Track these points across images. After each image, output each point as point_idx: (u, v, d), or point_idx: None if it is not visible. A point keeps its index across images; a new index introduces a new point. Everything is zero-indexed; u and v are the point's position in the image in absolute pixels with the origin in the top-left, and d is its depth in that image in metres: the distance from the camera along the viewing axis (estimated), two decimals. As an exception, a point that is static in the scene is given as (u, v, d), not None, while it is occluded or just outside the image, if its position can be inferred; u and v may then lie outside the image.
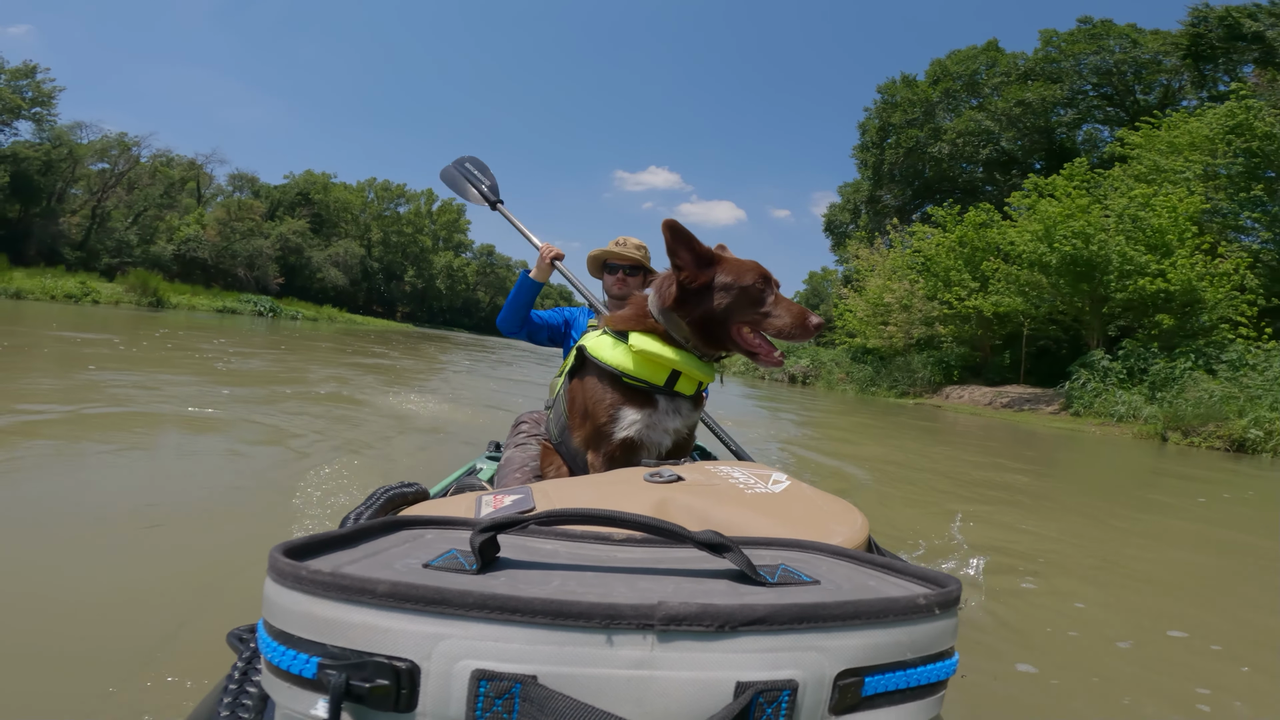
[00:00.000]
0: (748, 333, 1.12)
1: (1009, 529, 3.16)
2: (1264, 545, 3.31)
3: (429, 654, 0.37)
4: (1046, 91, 21.09)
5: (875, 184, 24.39)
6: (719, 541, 0.49)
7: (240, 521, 2.24)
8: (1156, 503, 4.52)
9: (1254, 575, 2.81)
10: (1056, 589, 2.32)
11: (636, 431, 1.12)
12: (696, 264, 1.12)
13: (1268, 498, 5.06)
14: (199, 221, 31.51)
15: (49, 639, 1.31)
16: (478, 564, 0.45)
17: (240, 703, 0.47)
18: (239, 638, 0.52)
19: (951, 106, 22.99)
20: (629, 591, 0.43)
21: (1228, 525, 3.90)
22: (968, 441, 7.75)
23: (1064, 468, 6.40)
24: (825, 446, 6.11)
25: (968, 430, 9.22)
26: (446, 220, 51.77)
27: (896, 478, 4.52)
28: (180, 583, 1.66)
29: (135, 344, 8.17)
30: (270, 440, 3.48)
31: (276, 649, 0.39)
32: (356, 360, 10.13)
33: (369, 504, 0.72)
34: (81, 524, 2.03)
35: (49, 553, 1.78)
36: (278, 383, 6.03)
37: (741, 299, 1.10)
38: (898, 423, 9.60)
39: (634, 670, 0.37)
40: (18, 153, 24.28)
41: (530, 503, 0.73)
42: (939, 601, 0.43)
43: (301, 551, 0.43)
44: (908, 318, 16.93)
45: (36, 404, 3.67)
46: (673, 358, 1.11)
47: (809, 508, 0.72)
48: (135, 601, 1.53)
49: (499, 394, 7.67)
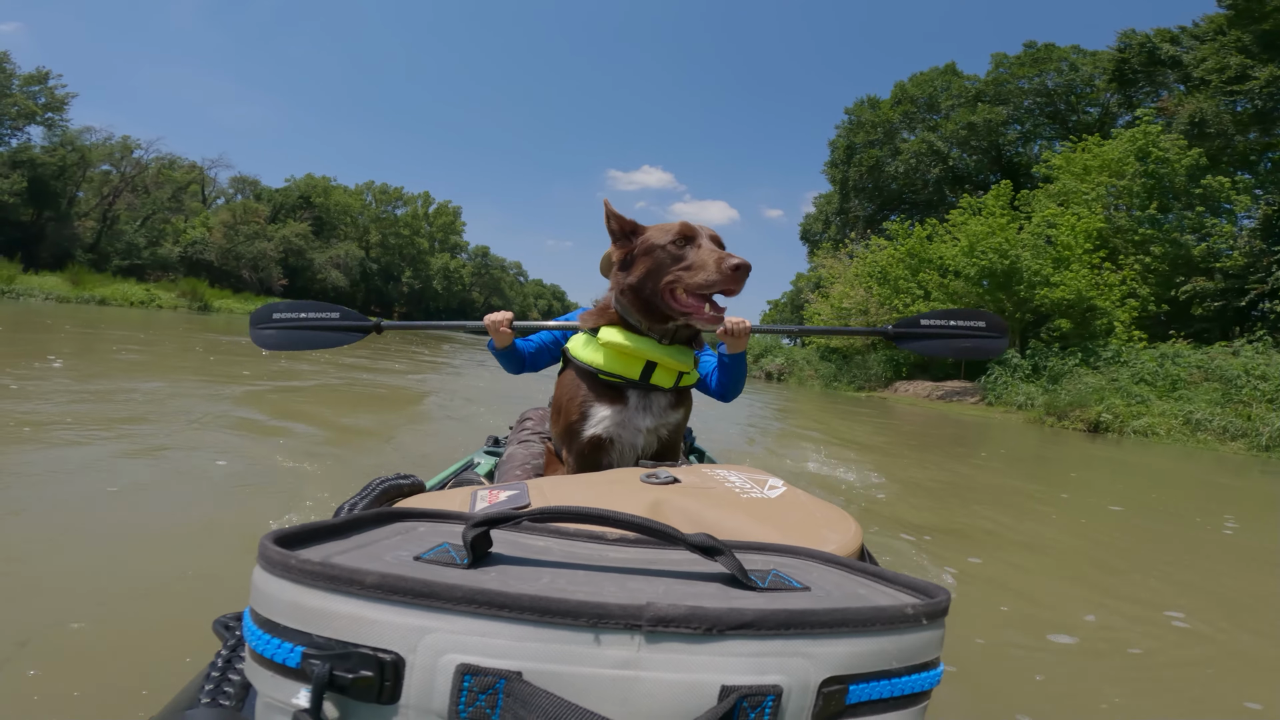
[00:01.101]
0: (681, 294, 1.06)
1: (875, 471, 4.34)
2: (1032, 489, 4.63)
3: (414, 647, 0.37)
4: (992, 114, 22.96)
5: (844, 198, 26.58)
6: (711, 544, 0.49)
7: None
8: (990, 465, 6.00)
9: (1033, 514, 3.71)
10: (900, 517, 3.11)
11: (604, 429, 1.10)
12: (625, 237, 1.11)
13: (1059, 458, 6.87)
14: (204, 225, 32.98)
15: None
16: (469, 558, 0.45)
17: (222, 690, 0.48)
18: (225, 625, 0.52)
19: (911, 126, 25.04)
20: (619, 591, 0.43)
21: (1013, 474, 5.54)
22: (893, 424, 9.39)
23: (946, 442, 8.09)
24: (785, 426, 7.81)
25: (902, 416, 10.92)
26: (443, 222, 53.29)
27: (823, 443, 5.86)
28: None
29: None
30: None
31: (261, 637, 0.39)
32: (423, 358, 11.81)
33: (364, 495, 0.72)
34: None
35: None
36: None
37: (661, 259, 1.06)
38: (846, 410, 11.11)
39: (620, 670, 0.37)
40: (34, 158, 25.64)
41: (525, 499, 0.73)
42: (926, 611, 0.43)
43: (292, 540, 0.43)
44: (865, 321, 18.82)
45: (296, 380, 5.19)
46: (635, 346, 1.09)
47: (803, 514, 0.73)
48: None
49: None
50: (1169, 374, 10.42)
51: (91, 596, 1.46)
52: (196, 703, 0.47)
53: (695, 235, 1.07)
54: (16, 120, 25.85)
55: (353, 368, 7.88)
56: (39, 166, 26.36)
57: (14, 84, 25.45)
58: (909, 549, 2.56)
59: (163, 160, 32.17)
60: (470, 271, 59.21)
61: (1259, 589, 2.59)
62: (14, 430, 2.93)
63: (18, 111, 25.43)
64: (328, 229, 41.36)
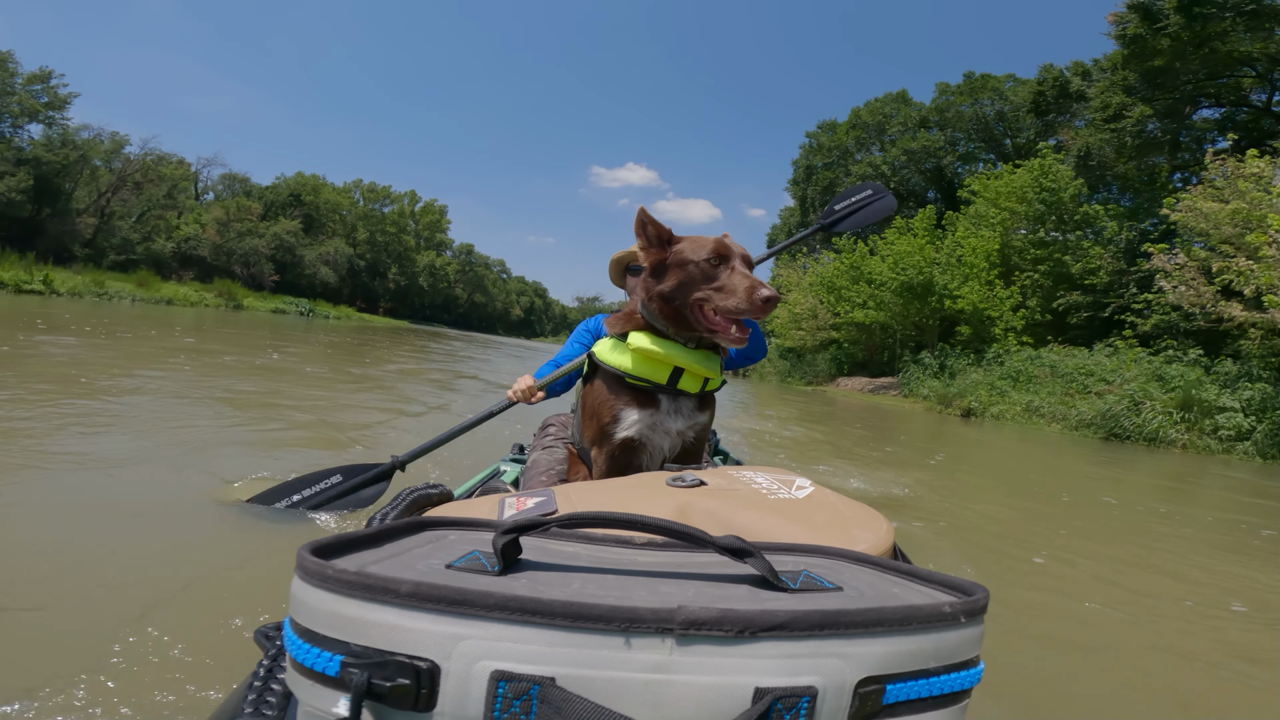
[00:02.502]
0: (709, 310, 1.08)
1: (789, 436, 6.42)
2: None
3: (449, 654, 0.37)
4: (929, 141, 25.97)
5: (804, 213, 29.64)
6: (740, 546, 0.49)
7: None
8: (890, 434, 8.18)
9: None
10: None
11: (637, 431, 1.13)
12: (659, 245, 1.13)
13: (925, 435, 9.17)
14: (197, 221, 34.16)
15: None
16: (499, 565, 0.46)
17: (264, 700, 0.48)
18: (265, 635, 0.53)
19: (862, 150, 27.83)
20: (649, 595, 0.43)
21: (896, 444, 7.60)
22: (827, 410, 11.35)
23: (858, 420, 9.84)
24: (747, 412, 9.38)
25: (837, 404, 13.29)
26: (429, 221, 54.62)
27: (763, 416, 8.21)
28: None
29: (349, 339, 12.46)
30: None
31: (301, 647, 0.40)
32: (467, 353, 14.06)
33: (395, 504, 0.73)
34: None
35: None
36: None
37: (693, 275, 1.08)
38: (790, 399, 13.42)
39: (652, 674, 0.38)
40: (39, 157, 26.64)
41: (553, 505, 0.73)
42: (965, 610, 0.43)
43: (328, 550, 0.44)
44: (815, 324, 21.29)
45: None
46: (665, 352, 1.11)
47: (832, 514, 0.73)
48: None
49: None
50: (1026, 372, 12.95)
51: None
52: (240, 713, 0.48)
53: (729, 255, 1.09)
54: (19, 118, 26.50)
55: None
56: (44, 164, 27.17)
57: (16, 83, 26.11)
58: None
59: (150, 156, 32.76)
60: (455, 269, 60.64)
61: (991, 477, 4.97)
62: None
63: (20, 110, 26.14)
64: (317, 226, 42.54)
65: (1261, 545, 3.30)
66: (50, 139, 26.88)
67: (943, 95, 26.53)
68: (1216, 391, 9.04)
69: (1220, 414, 8.61)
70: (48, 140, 26.60)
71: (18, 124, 26.45)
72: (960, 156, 26.32)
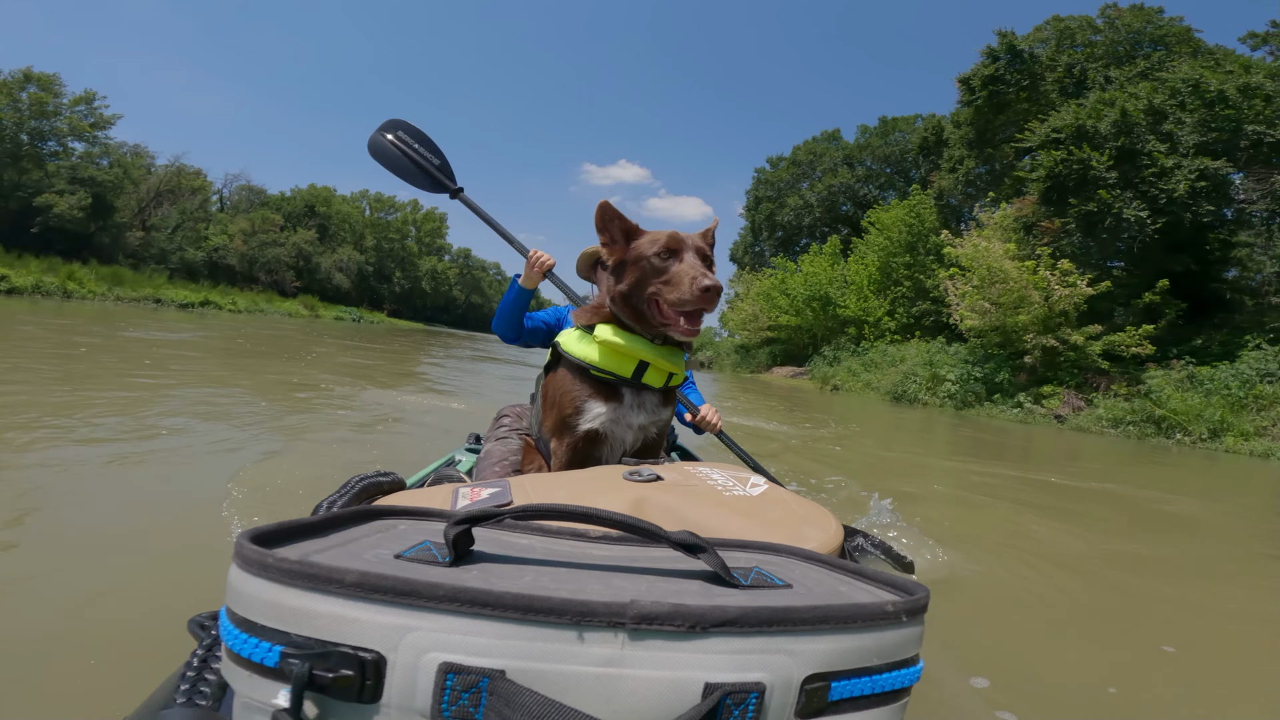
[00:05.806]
0: (663, 305, 1.07)
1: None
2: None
3: (396, 645, 0.37)
4: (846, 176, 30.83)
5: (755, 236, 35.61)
6: (693, 542, 0.49)
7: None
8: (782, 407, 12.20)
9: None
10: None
11: (600, 424, 1.11)
12: (623, 241, 1.12)
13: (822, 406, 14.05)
14: (224, 232, 38.37)
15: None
16: (450, 556, 0.45)
17: (198, 689, 0.47)
18: (200, 624, 0.51)
19: (795, 185, 33.31)
20: (602, 589, 0.43)
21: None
22: (757, 390, 14.71)
23: (776, 396, 13.08)
24: (702, 388, 11.30)
25: (766, 386, 16.87)
26: (430, 228, 59.22)
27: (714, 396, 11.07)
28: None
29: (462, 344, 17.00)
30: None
31: (239, 637, 0.38)
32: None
33: (343, 492, 0.71)
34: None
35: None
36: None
37: (646, 270, 1.07)
38: (736, 384, 17.08)
39: (604, 668, 0.38)
40: (94, 176, 30.23)
41: (508, 497, 0.73)
42: (906, 609, 0.43)
43: (269, 539, 0.43)
44: (757, 325, 27.19)
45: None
46: (630, 345, 1.10)
47: (785, 511, 0.73)
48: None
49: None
50: (873, 360, 17.67)
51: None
52: (172, 702, 0.47)
53: (680, 248, 1.07)
54: (65, 138, 27.83)
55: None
56: (99, 183, 30.62)
57: (63, 104, 26.85)
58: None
59: (172, 169, 33.09)
60: (455, 273, 65.54)
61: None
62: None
63: (69, 130, 27.21)
64: (329, 235, 46.93)
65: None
66: (98, 156, 27.24)
67: (863, 134, 32.45)
68: (947, 369, 13.96)
69: (944, 384, 13.78)
70: (96, 156, 27.18)
71: (62, 144, 26.86)
72: (878, 188, 32.13)
